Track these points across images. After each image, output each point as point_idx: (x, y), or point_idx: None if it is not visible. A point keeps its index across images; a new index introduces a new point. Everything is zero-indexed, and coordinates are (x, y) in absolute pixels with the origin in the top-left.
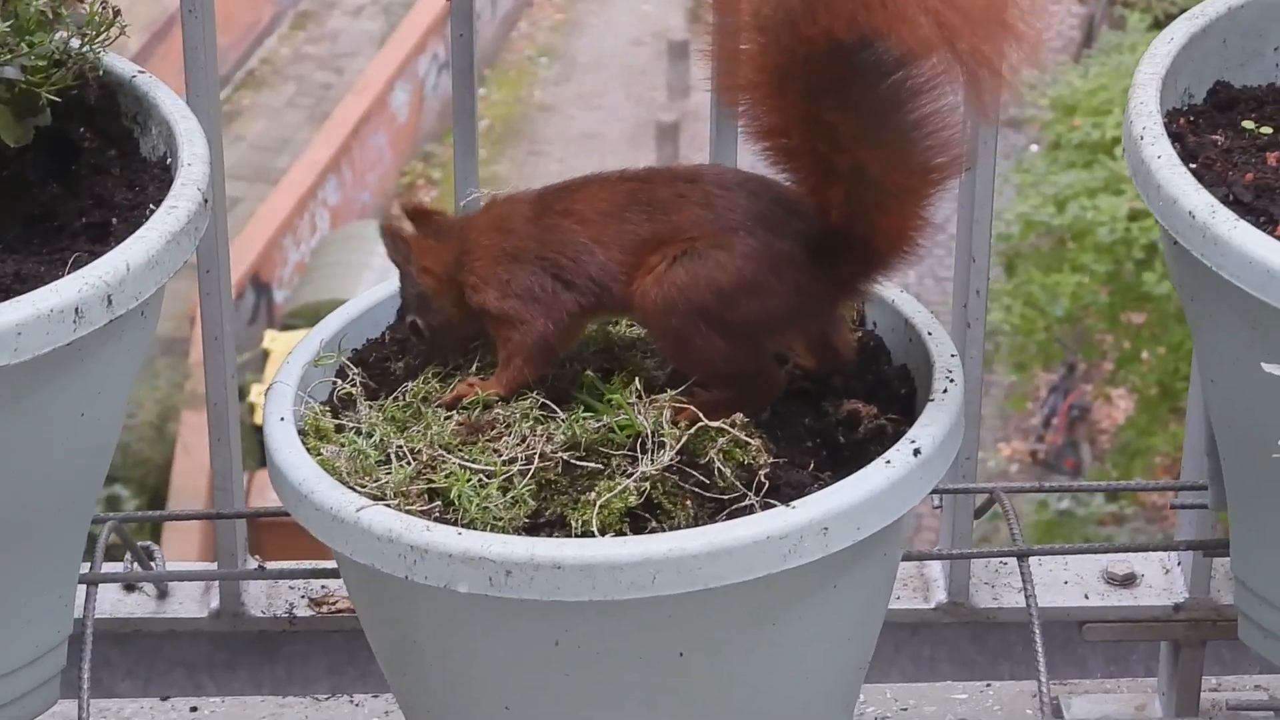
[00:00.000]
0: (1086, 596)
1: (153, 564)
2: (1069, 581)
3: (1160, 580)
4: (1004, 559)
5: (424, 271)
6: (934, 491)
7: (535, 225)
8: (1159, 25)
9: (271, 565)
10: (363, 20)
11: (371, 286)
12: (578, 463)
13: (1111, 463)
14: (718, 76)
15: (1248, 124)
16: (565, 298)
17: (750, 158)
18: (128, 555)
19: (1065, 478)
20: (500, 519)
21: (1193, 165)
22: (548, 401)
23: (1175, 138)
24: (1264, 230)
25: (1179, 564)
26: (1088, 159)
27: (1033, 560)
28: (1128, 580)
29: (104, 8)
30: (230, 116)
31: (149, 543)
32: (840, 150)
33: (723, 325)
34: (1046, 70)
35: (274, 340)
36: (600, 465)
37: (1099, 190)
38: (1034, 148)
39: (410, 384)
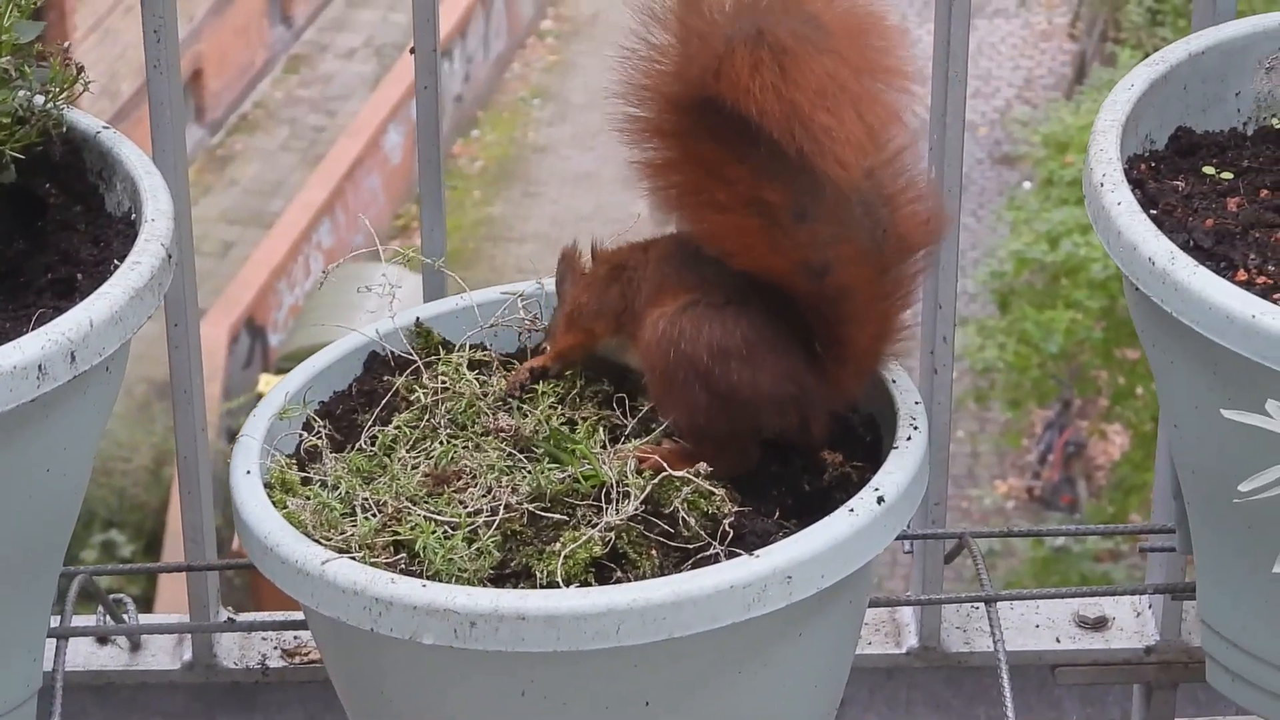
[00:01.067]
0: (1058, 640)
1: (125, 616)
2: (1040, 625)
3: (1131, 623)
4: (974, 603)
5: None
6: (903, 537)
7: (629, 256)
8: None
9: (242, 617)
10: (355, 63)
11: (366, 324)
12: (543, 514)
13: (1107, 498)
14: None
15: (1208, 170)
16: (614, 294)
17: None
18: (100, 607)
19: (1062, 514)
20: (465, 570)
21: (1153, 211)
22: (513, 452)
23: (1136, 184)
24: (1224, 276)
25: (1150, 607)
26: (1080, 195)
27: (1004, 604)
28: (1099, 623)
29: (67, 65)
30: (224, 160)
31: (121, 594)
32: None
33: (708, 382)
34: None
35: (269, 384)
36: (565, 516)
37: (1091, 227)
38: (1026, 184)
39: (378, 429)
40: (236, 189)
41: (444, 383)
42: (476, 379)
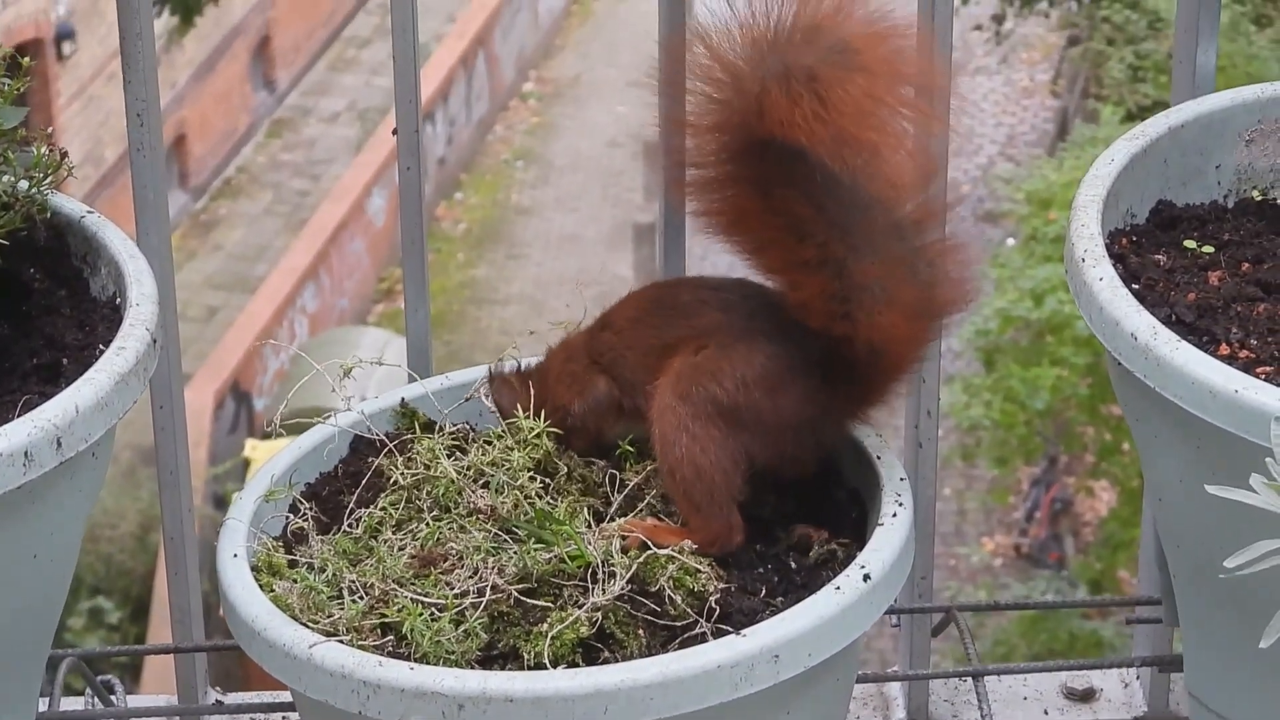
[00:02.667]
0: (1046, 712)
1: (113, 698)
2: (1028, 697)
3: (1119, 695)
4: (962, 677)
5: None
6: (890, 611)
7: (590, 341)
8: (1132, 117)
9: (230, 698)
10: (339, 127)
11: (350, 393)
12: (529, 600)
13: (1095, 555)
14: (669, 172)
15: (1189, 243)
16: (601, 382)
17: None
18: (88, 689)
19: (1050, 571)
20: (453, 652)
21: (1135, 286)
22: (499, 533)
23: (1118, 259)
24: (1206, 350)
25: (1138, 678)
26: (1063, 252)
27: (992, 677)
28: (1087, 695)
29: (51, 150)
30: (208, 225)
31: (109, 676)
32: (808, 240)
33: (734, 416)
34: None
35: (255, 449)
36: (552, 599)
37: None
38: (1010, 241)
39: (363, 511)
40: (221, 254)
41: (424, 466)
42: (454, 464)
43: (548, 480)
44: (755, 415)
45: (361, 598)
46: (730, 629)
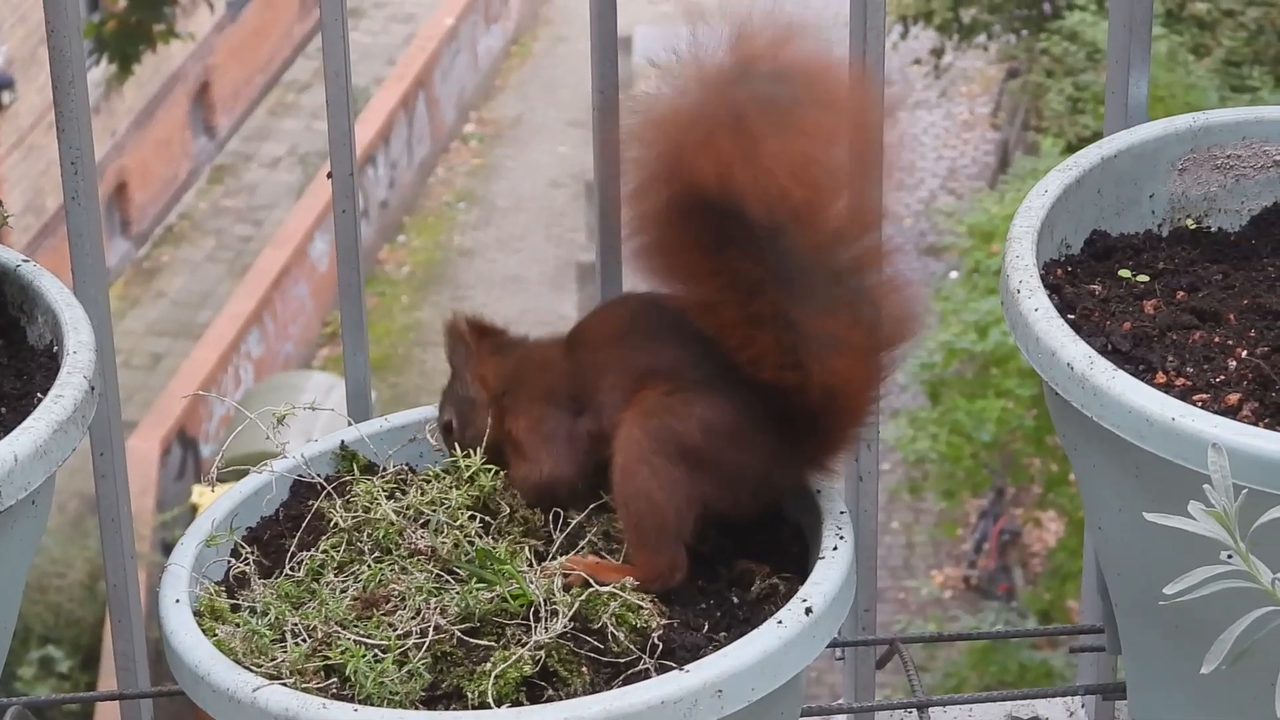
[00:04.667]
0: None
1: None
2: None
3: None
4: (907, 709)
5: (478, 379)
6: (835, 644)
7: (567, 362)
8: (1072, 149)
9: None
10: (280, 172)
11: (297, 438)
12: (471, 639)
13: (1044, 585)
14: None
15: (1124, 273)
16: (580, 434)
17: None
18: None
19: (999, 602)
20: (397, 693)
21: (1070, 316)
22: (441, 573)
23: (1053, 289)
24: (1143, 379)
25: (1083, 706)
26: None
27: (937, 709)
28: None
29: None
30: (150, 273)
31: None
32: (757, 297)
33: (696, 459)
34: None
35: (202, 495)
36: (495, 638)
37: None
38: (953, 275)
39: (305, 554)
40: (164, 301)
41: (364, 509)
42: (393, 505)
43: (489, 519)
44: (717, 464)
45: (304, 640)
46: (674, 664)
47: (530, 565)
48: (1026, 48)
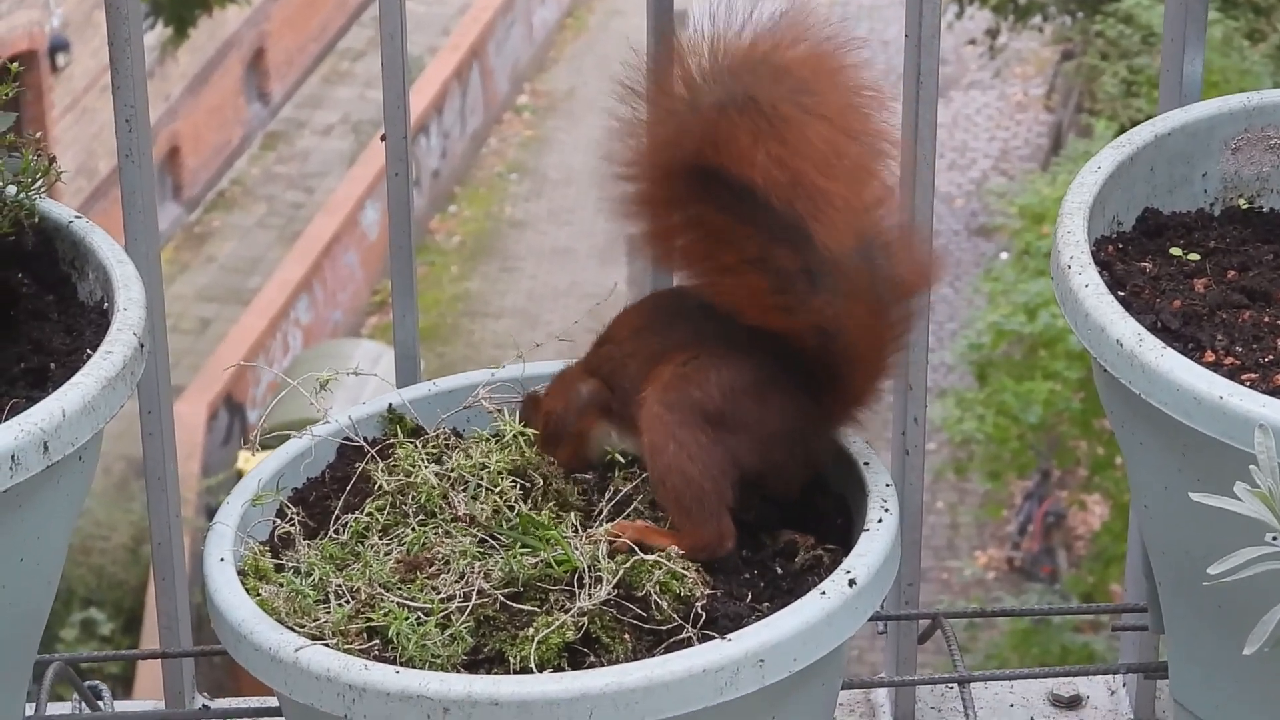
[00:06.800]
0: (1033, 719)
1: (100, 703)
2: (1015, 704)
3: (1106, 702)
4: (949, 684)
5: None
6: (877, 618)
7: (590, 356)
8: (1124, 132)
9: (217, 704)
10: (332, 139)
11: (344, 405)
12: (514, 604)
13: (1087, 569)
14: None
15: (1175, 251)
16: (587, 384)
17: None
18: (75, 695)
19: (1042, 584)
20: (439, 656)
21: (1120, 293)
22: (486, 537)
23: (1103, 266)
24: (1191, 357)
25: (1124, 685)
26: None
27: (978, 684)
28: (1073, 702)
29: (39, 156)
30: (201, 238)
31: (96, 682)
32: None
33: (721, 423)
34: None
35: (248, 461)
36: (538, 603)
37: None
38: (1004, 255)
39: (350, 517)
40: (214, 266)
41: (404, 473)
42: (435, 470)
43: (528, 485)
44: (743, 424)
45: (348, 602)
46: (716, 634)
47: (575, 531)
48: (1081, 30)
